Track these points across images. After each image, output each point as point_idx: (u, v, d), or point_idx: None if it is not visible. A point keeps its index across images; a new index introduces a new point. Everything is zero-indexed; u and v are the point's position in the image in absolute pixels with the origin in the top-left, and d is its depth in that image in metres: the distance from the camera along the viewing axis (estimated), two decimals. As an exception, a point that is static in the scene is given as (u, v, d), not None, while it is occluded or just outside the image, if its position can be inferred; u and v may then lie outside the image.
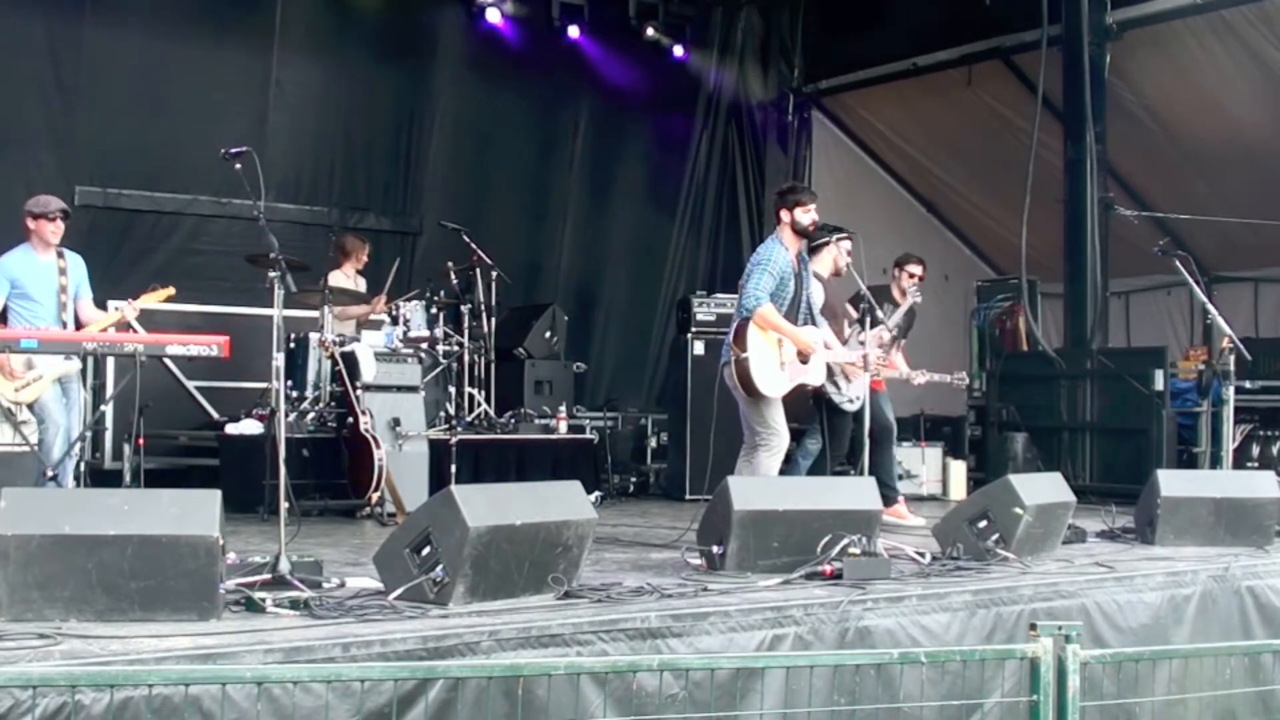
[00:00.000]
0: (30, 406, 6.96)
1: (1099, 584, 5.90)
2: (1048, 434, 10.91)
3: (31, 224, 7.16)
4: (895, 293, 8.64)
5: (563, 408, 10.38)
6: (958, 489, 10.73)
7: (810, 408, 8.32)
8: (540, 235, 12.60)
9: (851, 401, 7.97)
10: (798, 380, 7.12)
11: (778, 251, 7.14)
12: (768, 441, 7.05)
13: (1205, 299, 8.42)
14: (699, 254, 13.34)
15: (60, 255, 7.29)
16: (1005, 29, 11.83)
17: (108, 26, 10.12)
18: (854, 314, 7.99)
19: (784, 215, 7.25)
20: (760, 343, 7.00)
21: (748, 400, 7.07)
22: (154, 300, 7.51)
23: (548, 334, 11.10)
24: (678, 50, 12.83)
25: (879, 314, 7.30)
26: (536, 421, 10.29)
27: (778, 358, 7.04)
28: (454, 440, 8.59)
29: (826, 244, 8.08)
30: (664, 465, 11.19)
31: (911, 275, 8.64)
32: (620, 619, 4.60)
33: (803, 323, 7.22)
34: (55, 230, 7.18)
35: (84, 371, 8.47)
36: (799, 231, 7.23)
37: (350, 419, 8.40)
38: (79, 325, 7.30)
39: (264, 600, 4.54)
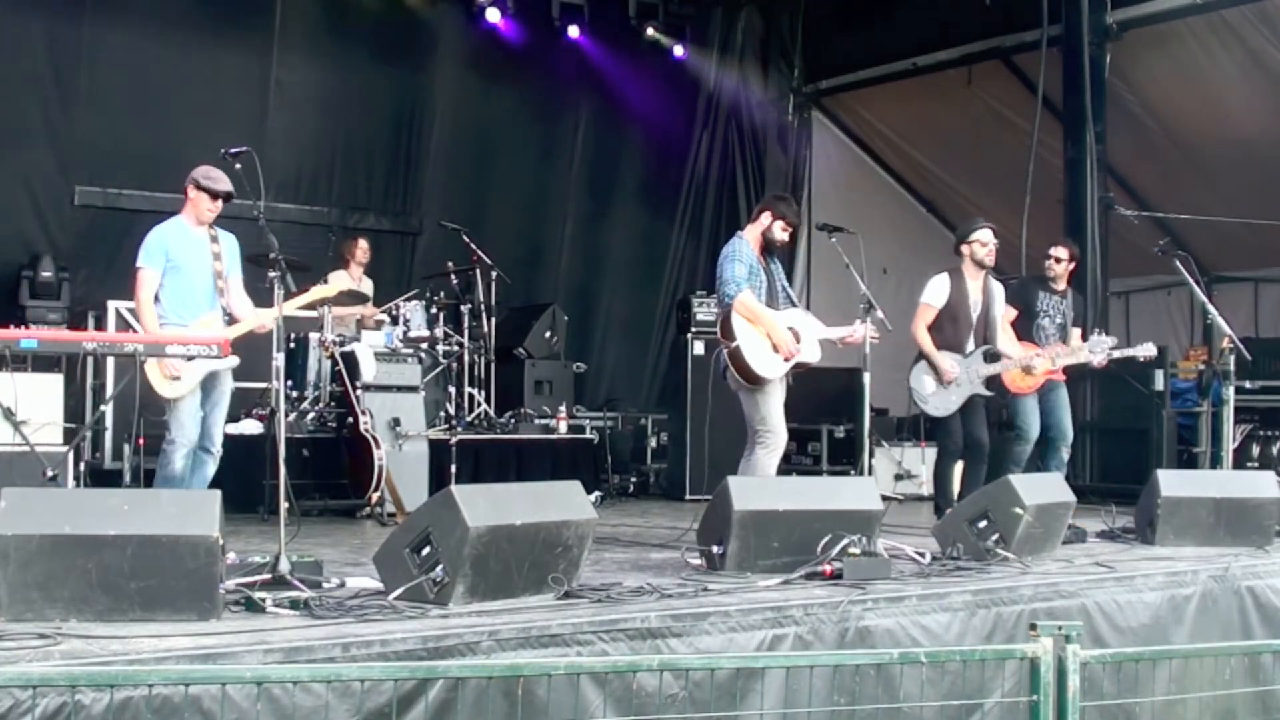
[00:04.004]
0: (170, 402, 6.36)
1: (1099, 584, 5.91)
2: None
3: (193, 194, 6.46)
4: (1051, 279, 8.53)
5: (563, 408, 10.39)
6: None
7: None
8: (540, 235, 12.60)
9: (935, 407, 7.96)
10: (794, 361, 7.11)
11: (742, 245, 7.22)
12: (765, 439, 7.04)
13: (1205, 299, 8.42)
14: (699, 254, 13.33)
15: (214, 239, 6.61)
16: (1005, 29, 11.82)
17: (108, 26, 10.13)
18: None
19: (765, 218, 7.28)
20: (747, 329, 7.01)
21: (746, 392, 7.06)
22: (321, 295, 6.99)
23: (548, 334, 11.11)
24: (678, 50, 12.83)
25: (879, 312, 7.28)
26: (536, 421, 10.30)
27: (768, 341, 7.04)
28: (454, 440, 8.60)
29: (962, 245, 8.10)
30: (664, 465, 11.20)
31: (1047, 258, 8.53)
32: (620, 619, 4.60)
33: (784, 308, 7.24)
34: (214, 209, 6.52)
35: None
36: (767, 238, 7.27)
37: (350, 419, 8.40)
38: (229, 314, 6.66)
39: (264, 600, 4.54)
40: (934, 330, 7.97)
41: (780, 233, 7.27)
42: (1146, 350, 8.25)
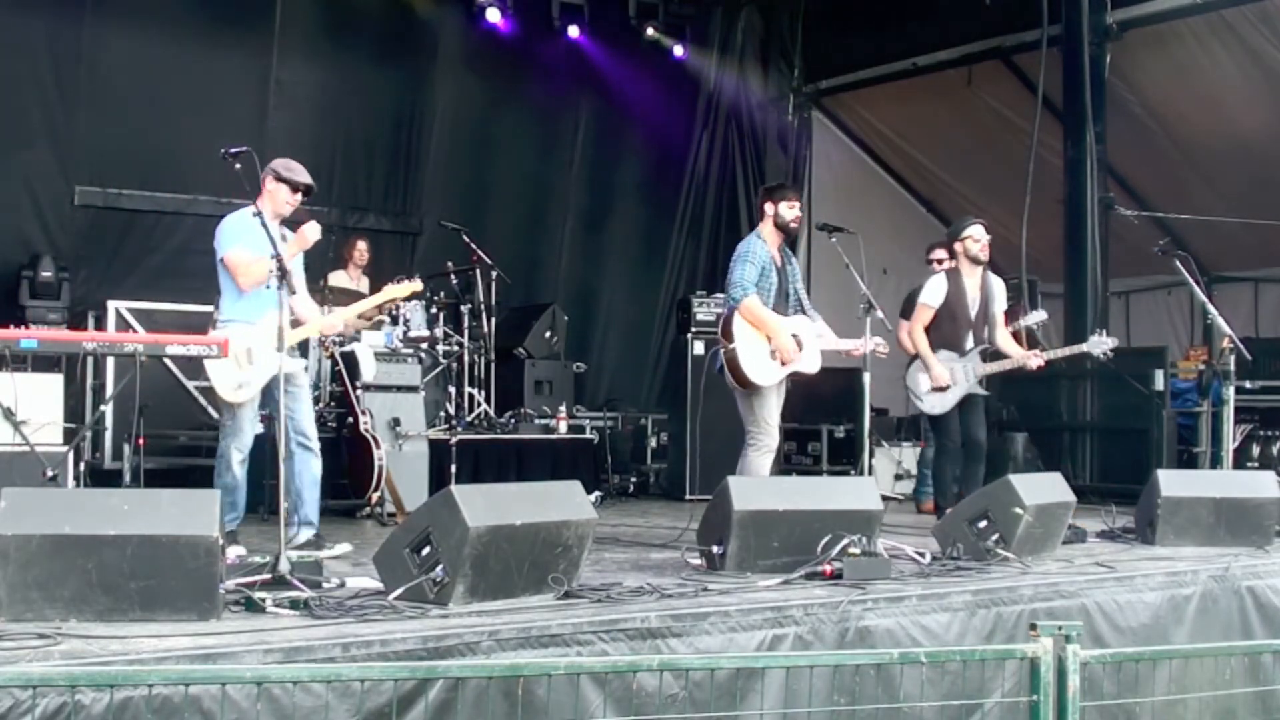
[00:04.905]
0: (231, 406, 6.15)
1: (1099, 584, 5.90)
2: (1048, 434, 10.90)
3: (271, 185, 6.26)
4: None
5: (563, 408, 10.38)
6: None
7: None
8: (540, 235, 12.60)
9: (932, 405, 7.96)
10: (790, 368, 7.12)
11: (757, 244, 7.21)
12: (758, 440, 7.06)
13: (1205, 299, 8.42)
14: (699, 254, 13.34)
15: (284, 237, 6.27)
16: (1005, 29, 11.83)
17: (108, 26, 10.13)
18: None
19: (768, 209, 7.32)
20: (747, 333, 7.02)
21: (741, 394, 7.08)
22: (400, 293, 6.91)
23: (548, 334, 11.11)
24: (678, 50, 12.82)
25: (878, 312, 7.29)
26: (536, 421, 10.30)
27: (767, 346, 7.05)
28: (454, 440, 8.60)
29: (954, 243, 8.12)
30: (664, 465, 11.19)
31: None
32: (620, 619, 4.60)
33: (792, 313, 7.24)
34: (292, 204, 6.33)
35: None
36: (780, 226, 7.27)
37: (350, 419, 8.40)
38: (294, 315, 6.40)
39: (264, 600, 4.54)
40: (932, 329, 7.99)
41: (788, 213, 7.27)
42: (1039, 316, 8.44)
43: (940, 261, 8.83)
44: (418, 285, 6.98)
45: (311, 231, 6.22)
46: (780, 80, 13.82)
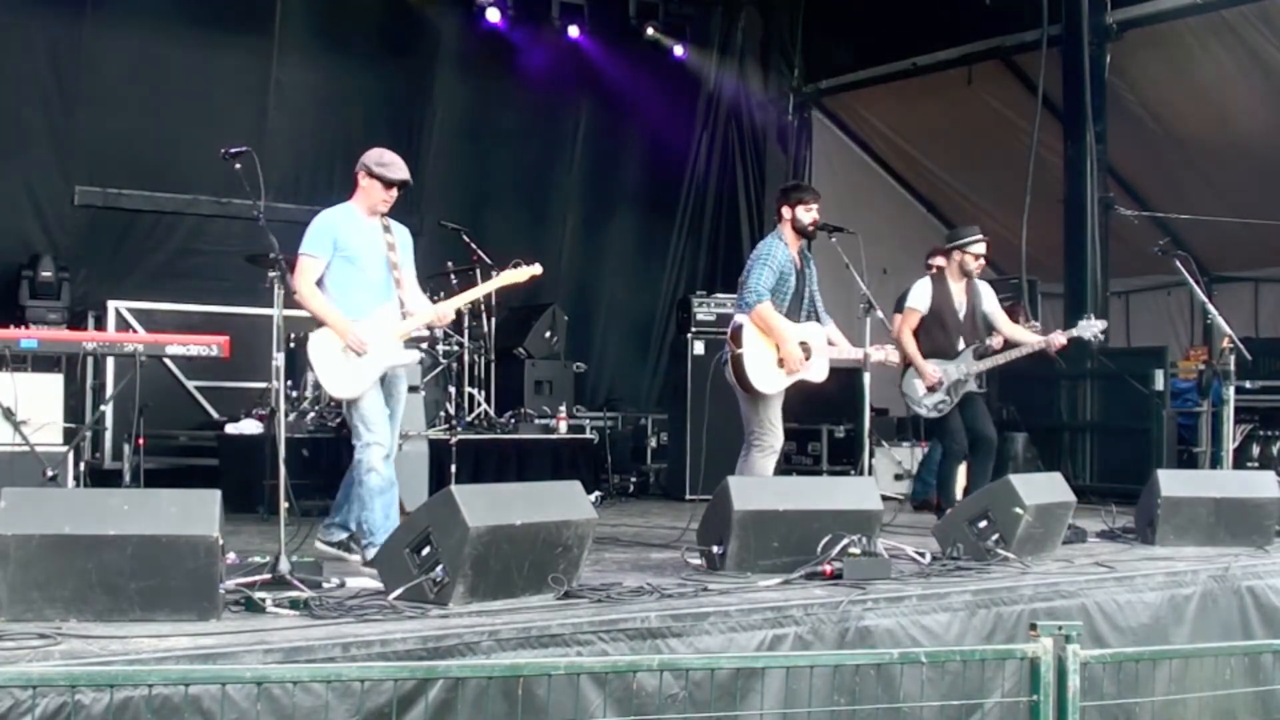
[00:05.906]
0: (348, 403, 6.02)
1: (1099, 584, 5.91)
2: (1048, 434, 10.91)
3: (365, 181, 6.24)
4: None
5: (563, 408, 10.38)
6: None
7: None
8: (540, 235, 12.58)
9: (930, 409, 7.95)
10: (796, 377, 7.11)
11: (777, 247, 7.17)
12: (761, 440, 7.06)
13: (1205, 299, 8.42)
14: (699, 254, 13.35)
15: (387, 229, 6.28)
16: (1005, 29, 11.83)
17: (108, 26, 10.12)
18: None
19: (785, 212, 7.29)
20: (757, 339, 7.01)
21: (745, 397, 7.08)
22: (518, 278, 6.73)
23: (548, 334, 11.10)
24: (678, 50, 12.82)
25: (878, 312, 7.29)
26: (536, 421, 10.30)
27: (775, 354, 7.04)
28: (454, 440, 8.59)
29: (953, 250, 8.13)
30: (664, 465, 11.19)
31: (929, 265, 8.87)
32: (620, 619, 4.60)
33: (805, 318, 7.22)
34: (388, 200, 6.24)
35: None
36: (799, 230, 7.25)
37: (350, 418, 8.39)
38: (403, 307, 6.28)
39: (264, 600, 4.54)
40: (922, 334, 7.99)
41: (805, 216, 7.25)
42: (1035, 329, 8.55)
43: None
44: (537, 270, 6.71)
45: (444, 314, 6.30)
46: (780, 80, 13.82)
